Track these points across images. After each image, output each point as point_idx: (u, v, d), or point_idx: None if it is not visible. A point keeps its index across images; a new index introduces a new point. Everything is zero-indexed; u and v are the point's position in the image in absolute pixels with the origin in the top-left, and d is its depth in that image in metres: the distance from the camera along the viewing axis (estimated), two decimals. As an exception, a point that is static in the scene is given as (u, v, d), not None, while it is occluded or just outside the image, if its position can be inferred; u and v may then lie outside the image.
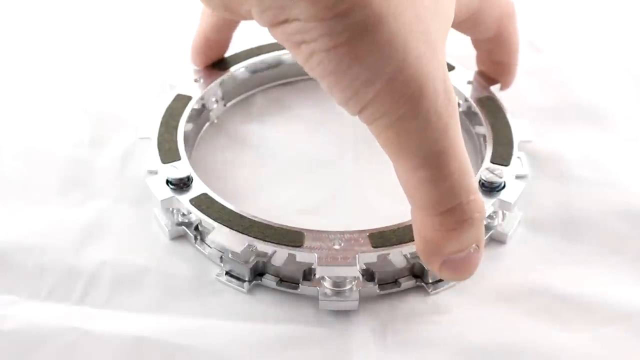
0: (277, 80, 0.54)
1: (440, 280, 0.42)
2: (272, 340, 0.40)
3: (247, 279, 0.41)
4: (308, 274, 0.41)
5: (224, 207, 0.42)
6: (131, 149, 0.49)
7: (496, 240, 0.44)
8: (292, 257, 0.41)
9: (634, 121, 0.51)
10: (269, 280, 0.41)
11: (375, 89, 0.33)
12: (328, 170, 0.48)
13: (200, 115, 0.50)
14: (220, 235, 0.41)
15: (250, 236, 0.40)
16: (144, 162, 0.46)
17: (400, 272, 0.41)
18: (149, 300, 0.41)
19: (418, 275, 0.42)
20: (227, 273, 0.42)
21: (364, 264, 0.41)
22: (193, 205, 0.42)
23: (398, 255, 0.41)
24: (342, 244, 0.40)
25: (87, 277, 0.42)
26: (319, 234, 0.40)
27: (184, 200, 0.42)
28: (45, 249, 0.43)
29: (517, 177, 0.47)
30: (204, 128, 0.51)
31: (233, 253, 0.41)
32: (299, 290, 0.41)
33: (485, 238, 0.43)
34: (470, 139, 0.49)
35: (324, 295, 0.40)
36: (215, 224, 0.41)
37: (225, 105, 0.52)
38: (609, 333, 0.40)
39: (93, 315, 0.40)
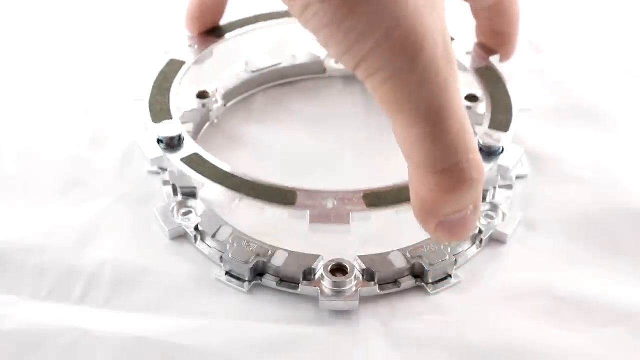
0: (277, 80, 0.54)
1: (440, 280, 0.42)
2: (272, 340, 0.40)
3: (247, 279, 0.41)
4: (308, 274, 0.41)
5: (215, 167, 0.41)
6: (131, 149, 0.49)
7: (496, 240, 0.44)
8: (292, 256, 0.41)
9: (634, 121, 0.51)
10: (269, 280, 0.41)
11: (372, 41, 0.32)
12: (328, 170, 0.48)
13: (200, 115, 0.50)
14: (211, 193, 0.40)
15: (242, 193, 0.40)
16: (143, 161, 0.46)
17: (400, 272, 0.41)
18: (149, 300, 0.41)
19: (418, 275, 0.42)
20: (227, 273, 0.42)
21: (364, 264, 0.41)
22: (184, 163, 0.41)
23: (398, 255, 0.41)
24: (336, 203, 0.39)
25: (87, 277, 0.42)
26: (312, 193, 0.39)
27: (174, 159, 0.42)
28: (45, 249, 0.43)
29: (517, 177, 0.47)
30: (204, 128, 0.51)
31: (232, 250, 0.41)
32: (299, 290, 0.41)
33: (487, 237, 0.43)
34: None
35: (324, 295, 0.40)
36: (206, 181, 0.40)
37: (225, 105, 0.52)
38: (609, 333, 0.40)
39: (93, 315, 0.40)
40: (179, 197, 0.45)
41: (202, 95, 0.51)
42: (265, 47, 0.56)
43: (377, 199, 0.39)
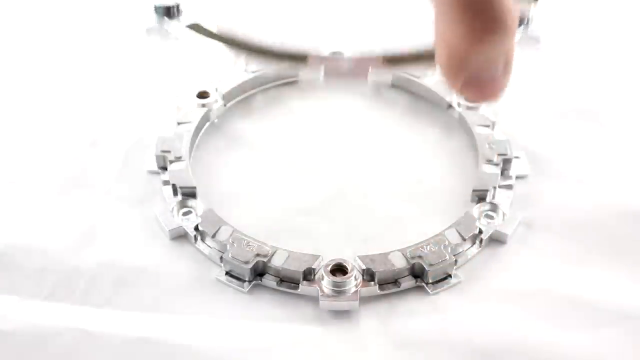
0: (277, 80, 0.54)
1: (440, 280, 0.42)
2: (272, 340, 0.40)
3: (247, 279, 0.41)
4: (308, 274, 0.41)
5: (217, 34, 0.39)
6: (131, 149, 0.49)
7: (496, 240, 0.44)
8: (292, 256, 0.41)
9: (633, 122, 0.51)
10: (269, 280, 0.41)
11: None
12: (328, 170, 0.48)
13: (200, 115, 0.50)
14: (217, 54, 0.38)
15: (250, 52, 0.38)
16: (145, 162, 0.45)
17: (400, 272, 0.41)
18: (149, 300, 0.41)
19: (418, 275, 0.42)
20: (227, 273, 0.42)
21: (364, 264, 0.41)
22: (189, 28, 0.39)
23: (398, 255, 0.41)
24: (352, 63, 0.37)
25: (88, 277, 0.42)
26: (326, 57, 0.37)
27: (176, 26, 0.39)
28: (45, 249, 0.43)
29: (517, 177, 0.47)
30: (204, 128, 0.51)
31: (232, 250, 0.41)
32: (299, 290, 0.41)
33: (487, 237, 0.43)
34: (471, 139, 0.49)
35: (324, 295, 0.40)
36: (213, 41, 0.38)
37: (225, 105, 0.52)
38: (609, 333, 0.40)
39: (93, 315, 0.40)
40: (179, 197, 0.45)
41: (202, 95, 0.51)
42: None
43: (397, 60, 0.37)
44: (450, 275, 0.42)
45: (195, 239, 0.43)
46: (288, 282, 0.41)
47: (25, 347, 0.39)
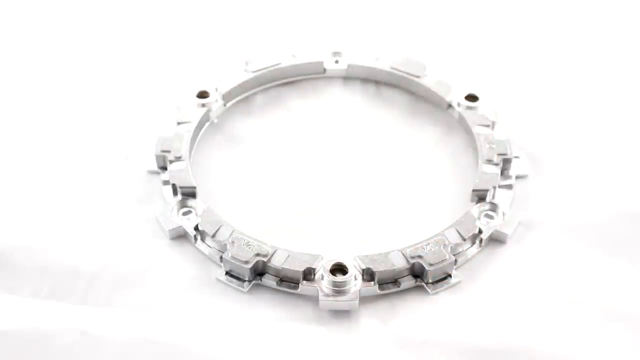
0: (277, 80, 0.54)
1: (440, 280, 0.42)
2: (272, 340, 0.40)
3: (247, 279, 0.41)
4: (308, 274, 0.41)
5: None
6: (131, 149, 0.49)
7: (496, 240, 0.44)
8: (292, 256, 0.41)
9: (633, 121, 0.51)
10: (269, 280, 0.41)
11: None
12: (328, 170, 0.48)
13: (200, 115, 0.50)
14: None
15: None
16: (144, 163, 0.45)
17: (400, 272, 0.41)
18: (149, 300, 0.41)
19: (418, 275, 0.42)
20: (227, 273, 0.42)
21: (364, 264, 0.41)
22: None
23: (398, 255, 0.41)
24: None
25: (88, 277, 0.42)
26: None
27: None
28: (46, 249, 0.43)
29: (517, 177, 0.47)
30: (204, 128, 0.51)
31: (232, 250, 0.41)
32: (299, 290, 0.41)
33: (487, 237, 0.43)
34: (471, 139, 0.49)
35: (324, 295, 0.40)
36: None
37: (225, 105, 0.52)
38: (609, 333, 0.40)
39: (93, 315, 0.40)
40: (179, 197, 0.45)
41: (202, 95, 0.51)
42: (265, 47, 0.56)
43: None
44: (450, 275, 0.42)
45: (195, 238, 0.43)
46: (288, 282, 0.41)
47: (24, 347, 0.39)
